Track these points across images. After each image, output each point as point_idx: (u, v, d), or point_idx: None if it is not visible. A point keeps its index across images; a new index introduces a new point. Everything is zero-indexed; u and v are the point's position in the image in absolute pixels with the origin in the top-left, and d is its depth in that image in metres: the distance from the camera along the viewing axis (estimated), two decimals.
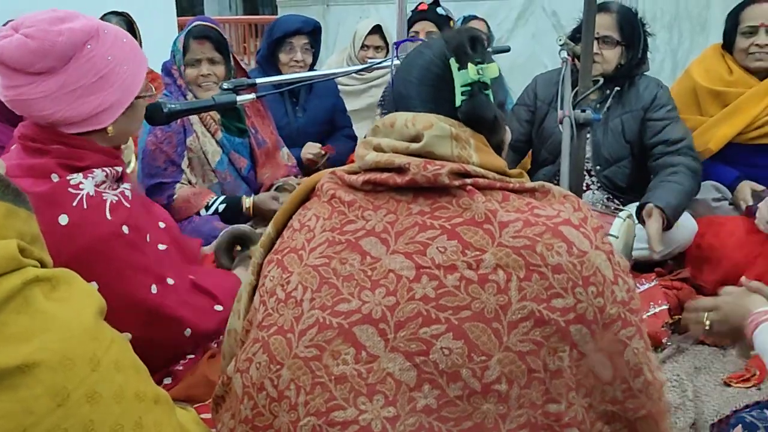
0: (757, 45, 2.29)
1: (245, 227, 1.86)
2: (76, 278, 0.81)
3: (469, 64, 0.89)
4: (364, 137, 0.97)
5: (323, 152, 2.72)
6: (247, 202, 2.15)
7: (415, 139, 0.88)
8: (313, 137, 2.86)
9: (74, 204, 1.23)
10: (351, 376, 0.82)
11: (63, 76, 1.20)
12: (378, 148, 0.91)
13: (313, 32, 2.80)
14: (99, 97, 1.24)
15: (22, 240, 0.76)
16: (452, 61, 0.90)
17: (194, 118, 2.16)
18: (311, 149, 2.71)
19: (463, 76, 0.89)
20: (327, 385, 0.82)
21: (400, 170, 0.87)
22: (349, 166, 0.97)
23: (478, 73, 0.89)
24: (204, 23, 2.26)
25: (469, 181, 0.86)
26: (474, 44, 0.91)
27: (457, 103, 0.89)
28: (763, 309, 1.25)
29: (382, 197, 0.89)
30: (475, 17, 3.33)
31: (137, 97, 1.32)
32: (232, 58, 2.23)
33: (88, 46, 1.22)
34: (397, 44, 1.59)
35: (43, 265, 0.79)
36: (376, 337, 0.82)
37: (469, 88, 0.89)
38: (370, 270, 0.85)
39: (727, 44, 2.39)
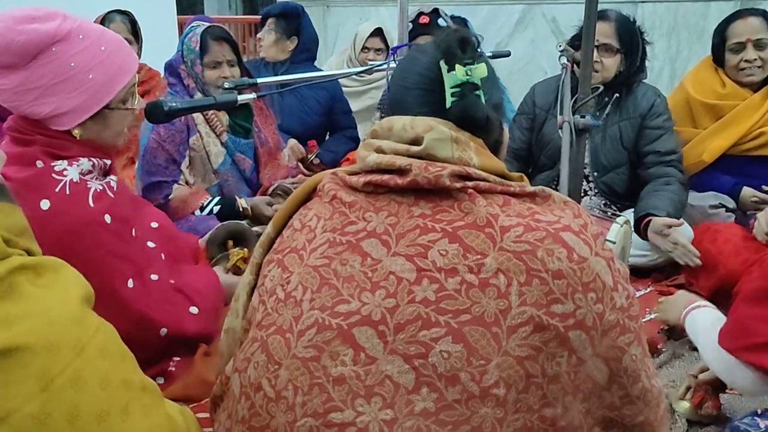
0: (746, 60, 2.30)
1: (242, 224, 1.86)
2: (64, 266, 0.81)
3: (457, 65, 0.89)
4: (363, 139, 0.97)
5: (306, 156, 2.73)
6: (243, 204, 2.13)
7: (415, 142, 0.88)
8: (301, 119, 2.84)
9: (56, 190, 1.23)
10: (349, 377, 0.81)
11: (24, 73, 1.21)
12: (379, 150, 0.91)
13: (283, 15, 2.83)
14: (57, 100, 1.24)
15: (9, 232, 0.77)
16: (442, 63, 0.90)
17: (199, 118, 2.13)
18: (294, 155, 2.69)
19: (452, 78, 0.89)
20: (325, 386, 0.82)
21: (402, 172, 0.87)
22: (350, 166, 0.97)
23: (467, 74, 0.88)
24: (218, 24, 2.26)
25: (470, 184, 0.86)
26: (463, 45, 0.91)
27: (447, 104, 0.89)
28: (692, 301, 1.55)
29: (383, 199, 0.89)
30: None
31: (109, 108, 1.30)
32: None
33: (53, 49, 1.21)
34: (395, 49, 1.60)
35: (30, 254, 0.79)
36: (375, 339, 0.82)
37: (459, 89, 0.89)
38: (371, 271, 0.85)
39: (717, 59, 2.40)
